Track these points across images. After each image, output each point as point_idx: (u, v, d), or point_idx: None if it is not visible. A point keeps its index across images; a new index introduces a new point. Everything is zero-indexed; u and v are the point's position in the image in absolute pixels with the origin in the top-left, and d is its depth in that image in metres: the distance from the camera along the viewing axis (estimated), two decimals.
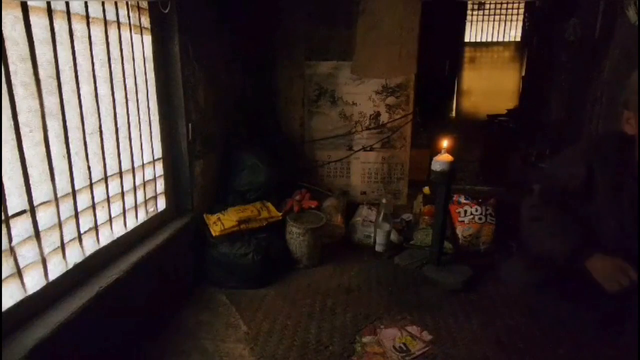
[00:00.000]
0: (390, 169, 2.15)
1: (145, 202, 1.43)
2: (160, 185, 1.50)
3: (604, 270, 1.17)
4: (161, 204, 1.51)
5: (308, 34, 2.07)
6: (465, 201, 2.01)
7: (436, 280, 1.67)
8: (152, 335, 1.31)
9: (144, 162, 1.41)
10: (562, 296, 1.33)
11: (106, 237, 1.24)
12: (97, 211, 1.19)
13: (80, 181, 1.12)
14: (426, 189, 2.11)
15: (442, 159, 1.61)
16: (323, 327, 1.39)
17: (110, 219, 1.26)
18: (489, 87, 4.54)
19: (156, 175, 1.48)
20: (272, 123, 2.12)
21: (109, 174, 1.23)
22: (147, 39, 1.40)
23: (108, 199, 1.24)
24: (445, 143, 1.63)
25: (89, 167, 1.14)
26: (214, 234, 1.57)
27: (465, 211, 1.99)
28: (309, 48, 2.08)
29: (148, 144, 1.43)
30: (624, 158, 1.22)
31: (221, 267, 1.57)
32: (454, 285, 1.63)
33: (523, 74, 3.87)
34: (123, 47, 1.27)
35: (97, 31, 1.16)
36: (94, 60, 1.14)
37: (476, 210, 1.97)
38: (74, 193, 1.09)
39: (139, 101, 1.37)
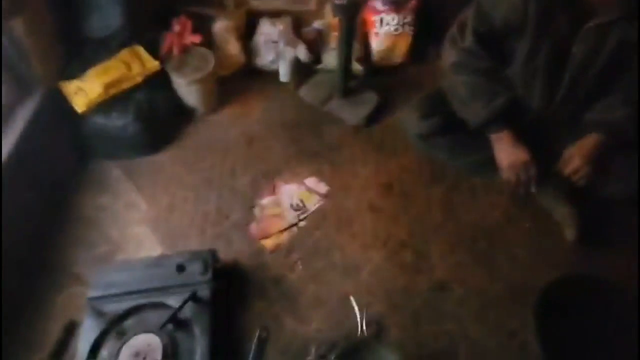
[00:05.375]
0: None
1: None
2: None
3: (510, 158, 1.24)
4: None
5: None
6: (382, 7, 1.69)
7: (339, 117, 1.62)
8: (55, 228, 1.33)
9: None
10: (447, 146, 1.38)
11: None
12: None
13: None
14: None
15: None
16: (223, 194, 1.42)
17: None
18: None
19: None
20: None
21: None
22: None
23: None
24: None
25: None
26: (80, 111, 1.34)
27: (382, 19, 1.70)
28: None
29: None
30: None
31: (105, 141, 1.43)
32: (357, 121, 1.60)
33: None
34: None
35: None
36: None
37: (393, 19, 1.68)
38: None
39: None
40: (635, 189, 1.21)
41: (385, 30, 1.69)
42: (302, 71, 1.74)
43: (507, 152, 1.25)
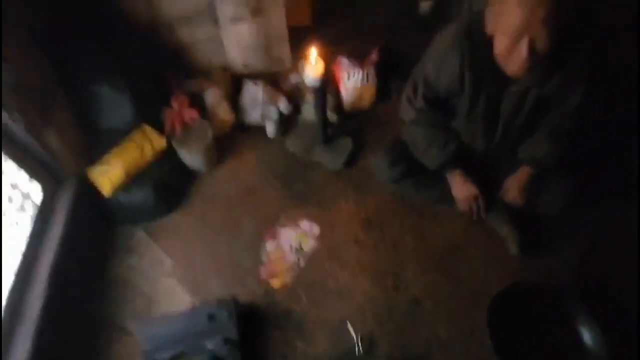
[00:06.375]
0: (267, 37, 1.93)
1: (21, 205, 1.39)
2: (22, 179, 1.41)
3: (463, 193, 1.55)
4: (36, 194, 1.46)
5: None
6: (348, 65, 1.97)
7: (321, 163, 1.91)
8: (97, 289, 1.60)
9: None
10: (413, 186, 1.69)
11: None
12: None
13: None
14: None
15: (314, 74, 1.52)
16: (233, 243, 1.70)
17: None
18: None
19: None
20: (111, 17, 1.68)
21: None
22: None
23: None
24: (313, 53, 1.49)
25: None
26: (106, 195, 1.60)
27: (349, 74, 1.99)
28: None
29: None
30: (489, 53, 1.24)
31: (128, 211, 1.70)
32: (336, 166, 1.89)
33: None
34: None
35: None
36: None
37: (358, 74, 1.97)
38: None
39: None
40: (561, 205, 1.55)
41: (352, 84, 1.98)
42: (286, 123, 2.02)
43: (460, 188, 1.57)
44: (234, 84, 2.07)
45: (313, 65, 1.51)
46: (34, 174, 1.45)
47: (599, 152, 1.71)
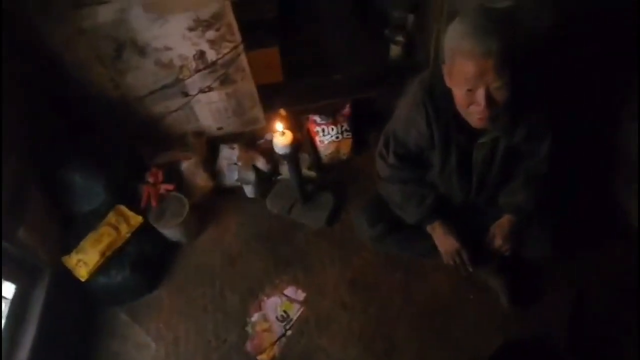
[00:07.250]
0: (239, 102, 1.93)
1: None
2: None
3: (445, 246, 1.52)
4: (8, 291, 1.43)
5: None
6: (321, 122, 1.98)
7: (303, 223, 1.88)
8: None
9: None
10: (396, 243, 1.66)
11: None
12: None
13: None
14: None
15: (283, 143, 1.51)
16: (218, 318, 1.66)
17: None
18: None
19: None
20: (81, 102, 1.68)
21: None
22: None
23: None
24: (279, 126, 1.49)
25: None
26: (83, 279, 1.56)
27: (323, 130, 1.99)
28: None
29: None
30: (452, 108, 1.23)
31: (109, 294, 1.65)
32: (318, 224, 1.86)
33: None
34: None
35: None
36: None
37: (332, 130, 1.97)
38: None
39: None
40: (547, 250, 1.52)
41: (327, 139, 1.97)
42: (265, 182, 2.00)
43: (441, 241, 1.54)
44: (210, 147, 2.06)
45: (280, 135, 1.50)
46: (5, 273, 1.41)
47: (582, 194, 1.70)
